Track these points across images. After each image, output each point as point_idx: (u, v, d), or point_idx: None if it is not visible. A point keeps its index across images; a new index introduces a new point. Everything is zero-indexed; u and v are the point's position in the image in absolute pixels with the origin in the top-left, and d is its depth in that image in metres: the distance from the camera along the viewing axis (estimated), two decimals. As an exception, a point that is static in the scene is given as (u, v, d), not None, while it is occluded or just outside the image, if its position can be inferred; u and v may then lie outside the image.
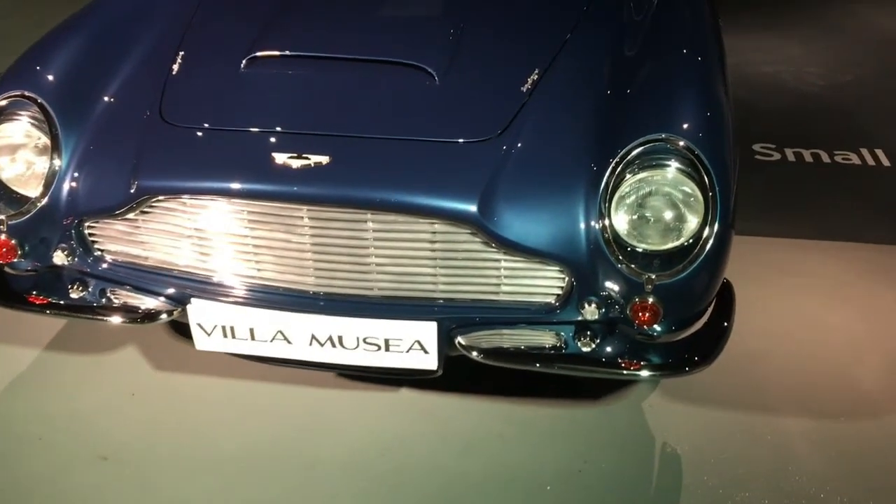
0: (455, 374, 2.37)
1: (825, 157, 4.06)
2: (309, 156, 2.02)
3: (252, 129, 2.13)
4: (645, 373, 2.15)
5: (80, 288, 2.31)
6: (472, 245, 2.04)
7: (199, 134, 2.16)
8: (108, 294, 2.32)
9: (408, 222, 2.03)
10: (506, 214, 2.00)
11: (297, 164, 2.02)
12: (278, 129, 2.12)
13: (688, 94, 2.20)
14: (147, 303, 2.27)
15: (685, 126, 2.08)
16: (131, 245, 2.23)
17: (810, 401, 2.60)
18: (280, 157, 2.03)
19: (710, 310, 2.21)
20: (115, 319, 2.27)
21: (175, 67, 2.37)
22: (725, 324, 2.19)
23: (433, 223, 2.03)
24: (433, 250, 2.07)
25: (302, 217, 2.06)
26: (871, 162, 4.02)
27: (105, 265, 2.27)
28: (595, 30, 2.49)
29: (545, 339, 2.18)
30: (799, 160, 4.06)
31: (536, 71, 2.28)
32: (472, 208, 1.98)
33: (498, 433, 2.48)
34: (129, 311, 2.28)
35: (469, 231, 2.01)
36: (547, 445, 2.43)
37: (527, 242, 2.00)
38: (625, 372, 2.14)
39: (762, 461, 2.39)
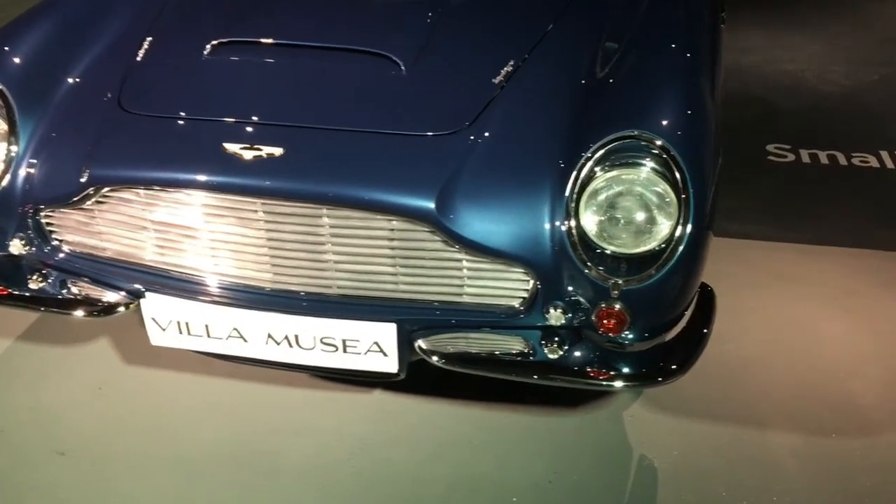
0: (429, 377, 2.28)
1: (842, 159, 3.89)
2: (262, 147, 1.94)
3: (207, 119, 2.05)
4: (616, 383, 2.02)
5: (40, 279, 2.25)
6: (432, 244, 1.94)
7: (155, 122, 2.09)
8: (69, 286, 2.26)
9: (364, 218, 1.93)
10: (465, 212, 1.90)
11: (249, 155, 1.94)
12: (234, 118, 2.04)
13: (668, 91, 2.07)
14: (106, 295, 2.21)
15: (662, 123, 1.96)
16: (88, 236, 2.17)
17: (802, 415, 2.46)
18: (232, 148, 1.95)
19: (688, 316, 2.08)
20: (72, 312, 2.22)
21: (140, 54, 2.30)
22: (703, 331, 2.07)
23: (391, 220, 1.93)
24: (392, 248, 1.97)
25: (256, 211, 1.98)
26: (889, 165, 3.83)
27: (62, 255, 2.21)
28: (580, 21, 2.38)
29: (512, 344, 2.07)
30: (814, 162, 3.89)
31: (511, 63, 2.17)
32: (430, 205, 1.88)
33: (468, 440, 2.38)
34: (87, 304, 2.22)
35: (428, 229, 1.91)
36: (518, 454, 2.33)
37: (487, 242, 1.90)
38: (593, 381, 2.02)
39: (746, 478, 2.26)
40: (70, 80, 2.28)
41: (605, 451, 2.35)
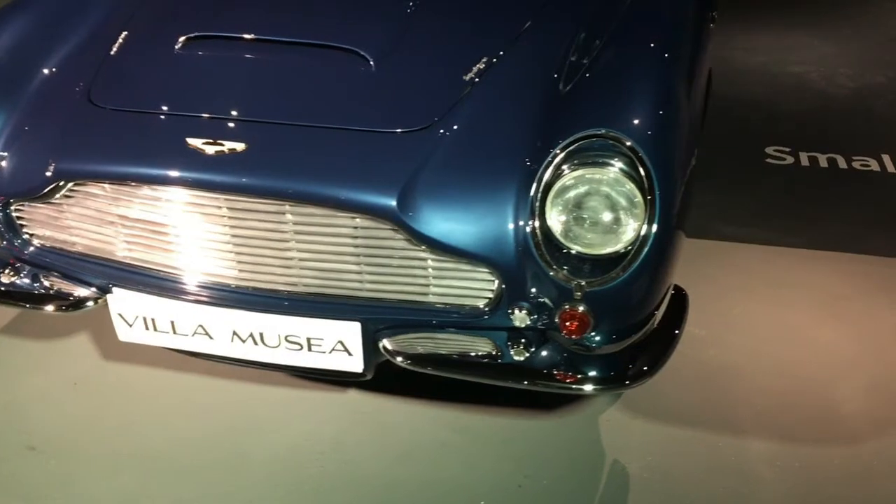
0: (404, 378, 2.24)
1: (842, 163, 3.82)
2: (224, 142, 1.92)
3: (173, 113, 2.04)
4: (582, 386, 1.99)
5: (11, 273, 2.25)
6: (396, 242, 1.92)
7: (121, 117, 2.08)
8: (41, 280, 2.26)
9: (327, 216, 1.91)
10: (428, 210, 1.87)
11: (211, 150, 1.92)
12: (198, 113, 2.02)
13: (640, 90, 2.01)
14: (76, 290, 2.21)
15: (631, 123, 1.91)
16: (58, 230, 2.17)
17: (782, 423, 2.40)
18: (195, 143, 1.93)
19: (659, 318, 2.04)
20: (42, 307, 2.22)
21: (115, 48, 2.30)
22: (672, 333, 2.03)
23: (354, 217, 1.90)
24: (356, 246, 1.95)
25: (220, 207, 1.96)
26: (890, 168, 3.76)
27: (33, 249, 2.21)
28: (559, 17, 2.33)
29: (480, 346, 2.04)
30: (813, 165, 3.82)
31: (484, 60, 2.14)
32: (391, 203, 1.85)
33: (440, 441, 2.35)
34: (57, 299, 2.22)
35: (390, 227, 1.89)
36: (490, 457, 2.30)
37: (450, 241, 1.87)
38: (560, 384, 1.99)
39: (719, 485, 2.21)
40: (45, 73, 2.27)
41: (578, 455, 2.31)
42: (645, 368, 1.98)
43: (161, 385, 2.54)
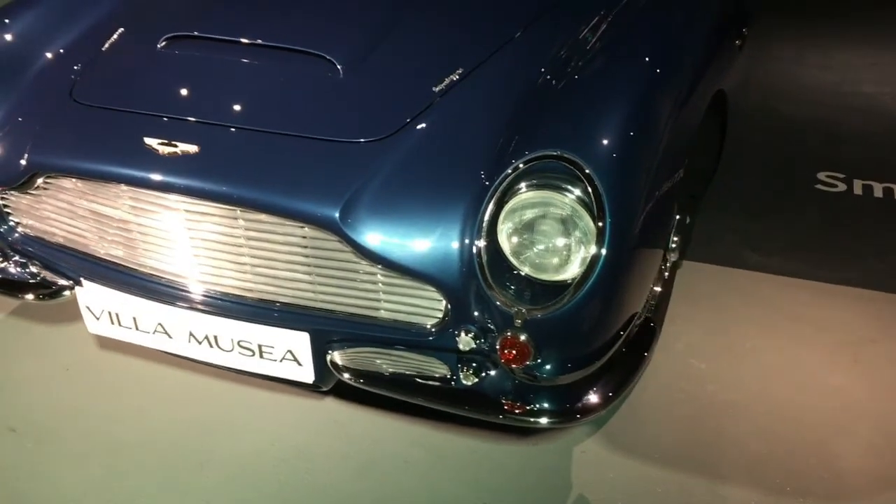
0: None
1: (899, 193, 3.56)
2: (178, 143, 1.93)
3: (138, 112, 2.06)
4: (532, 419, 1.90)
5: (1, 259, 2.31)
6: (344, 255, 1.88)
7: (94, 113, 2.12)
8: (30, 268, 2.32)
9: (275, 223, 1.89)
10: (372, 223, 1.82)
11: (165, 150, 1.93)
12: (161, 113, 2.04)
13: (614, 108, 1.90)
14: (56, 280, 2.26)
15: (596, 144, 1.81)
16: (38, 220, 2.23)
17: (771, 472, 2.24)
18: (151, 143, 1.94)
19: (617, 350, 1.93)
20: (22, 295, 2.28)
21: (107, 44, 2.33)
22: (633, 368, 1.93)
23: (303, 227, 1.88)
24: (306, 256, 1.92)
25: (178, 209, 1.96)
26: (952, 203, 3.48)
27: (17, 237, 2.27)
28: (554, 28, 2.24)
29: (434, 367, 1.99)
30: (866, 194, 3.57)
31: (459, 71, 2.07)
32: (333, 214, 1.82)
33: (404, 457, 2.29)
34: (39, 288, 2.28)
35: (336, 239, 1.85)
36: (450, 479, 2.23)
37: (393, 256, 1.82)
38: (507, 415, 1.91)
39: (688, 533, 2.08)
40: (46, 64, 2.33)
41: (543, 486, 2.21)
42: (597, 403, 1.88)
43: (148, 377, 2.57)
